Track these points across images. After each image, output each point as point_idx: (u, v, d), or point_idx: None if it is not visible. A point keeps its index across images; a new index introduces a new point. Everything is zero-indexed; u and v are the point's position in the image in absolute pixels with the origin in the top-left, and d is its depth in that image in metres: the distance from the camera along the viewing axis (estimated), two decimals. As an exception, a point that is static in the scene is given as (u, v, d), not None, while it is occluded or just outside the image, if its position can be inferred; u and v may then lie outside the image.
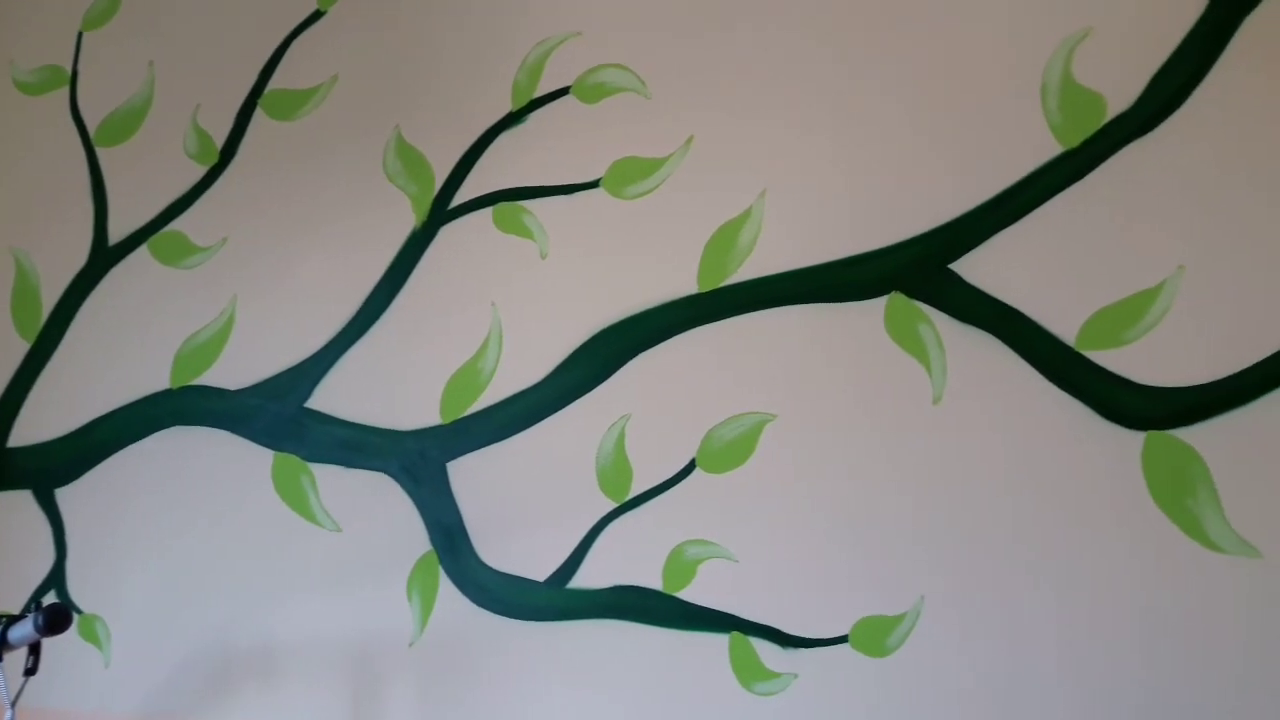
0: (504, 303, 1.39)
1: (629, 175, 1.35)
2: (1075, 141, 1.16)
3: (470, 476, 1.37)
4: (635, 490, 1.29)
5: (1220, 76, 1.12)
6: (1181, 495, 1.08)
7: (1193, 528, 1.07)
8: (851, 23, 1.28)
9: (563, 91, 1.41)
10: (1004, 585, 1.13)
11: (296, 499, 1.46)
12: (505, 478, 1.36)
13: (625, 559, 1.28)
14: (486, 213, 1.42)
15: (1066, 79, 1.17)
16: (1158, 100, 1.14)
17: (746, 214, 1.29)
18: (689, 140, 1.33)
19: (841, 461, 1.21)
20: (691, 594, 1.25)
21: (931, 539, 1.16)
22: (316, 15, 1.59)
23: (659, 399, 1.29)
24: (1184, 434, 1.09)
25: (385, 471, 1.42)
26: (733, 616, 1.22)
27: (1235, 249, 1.09)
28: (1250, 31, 1.12)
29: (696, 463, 1.26)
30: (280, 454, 1.48)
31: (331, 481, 1.45)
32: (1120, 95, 1.15)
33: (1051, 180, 1.17)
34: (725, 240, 1.29)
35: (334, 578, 1.42)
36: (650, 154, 1.35)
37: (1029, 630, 1.11)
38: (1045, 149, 1.17)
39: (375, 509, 1.42)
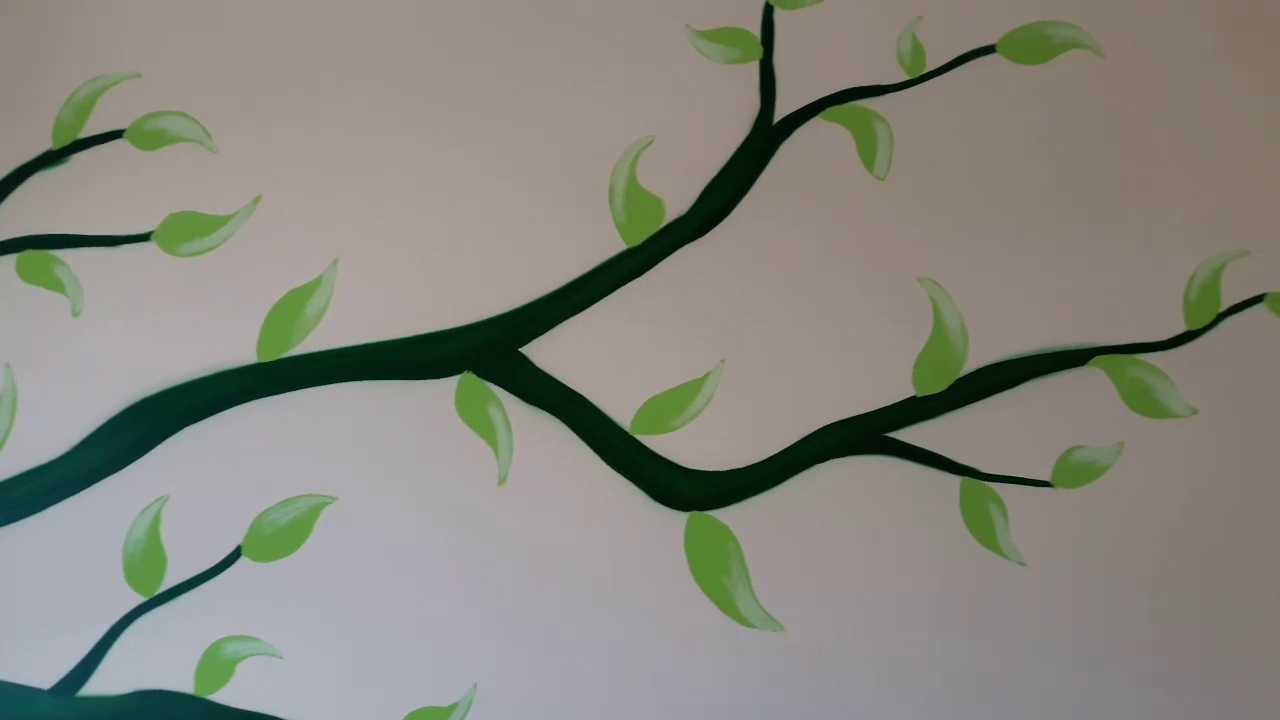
0: (22, 364, 1.20)
1: (186, 231, 1.24)
2: (637, 240, 1.23)
3: (-39, 568, 1.16)
4: (169, 582, 1.15)
5: (760, 191, 1.25)
6: (718, 573, 1.15)
7: (727, 604, 1.14)
8: (437, 107, 1.28)
9: (115, 134, 1.28)
10: (553, 668, 1.13)
11: None
12: (11, 569, 1.15)
13: (152, 660, 1.13)
14: (9, 260, 1.23)
15: (632, 182, 1.25)
16: (709, 208, 1.24)
17: (317, 282, 1.23)
18: (256, 199, 1.25)
19: (402, 546, 1.16)
20: (227, 695, 1.12)
21: (489, 624, 1.14)
22: None
23: (205, 479, 1.17)
24: (721, 514, 1.16)
25: None
26: (273, 718, 1.12)
27: (769, 346, 1.20)
28: (785, 156, 1.26)
29: (243, 550, 1.16)
30: None
31: None
32: (677, 201, 1.25)
33: (615, 274, 1.23)
34: (292, 308, 1.22)
35: None
36: (212, 210, 1.25)
37: (575, 713, 1.12)
38: (611, 245, 1.23)
39: None
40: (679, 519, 1.16)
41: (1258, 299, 1.22)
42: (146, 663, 1.13)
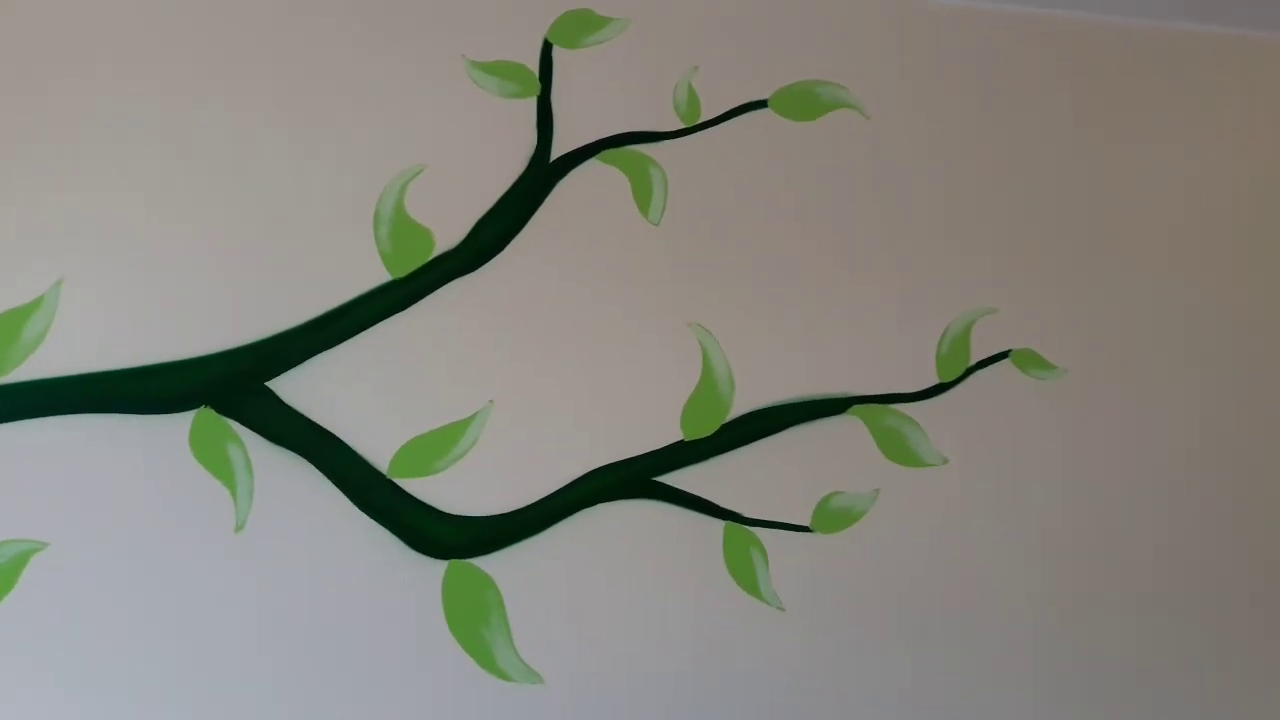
0: None
1: (-122, 241, 1.09)
2: (403, 272, 1.18)
3: None
4: None
5: (535, 229, 1.22)
6: (477, 625, 1.10)
7: (485, 658, 1.09)
8: (183, 119, 1.17)
9: None
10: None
11: None
12: None
13: None
14: None
15: (399, 211, 1.19)
16: (481, 243, 1.20)
17: (36, 303, 1.10)
18: (-32, 211, 1.12)
19: (125, 598, 1.05)
20: (-106, 776, 0.97)
21: (223, 684, 1.04)
22: None
23: (-116, 522, 1.02)
24: (482, 562, 1.12)
25: None
26: (-50, 800, 0.98)
27: (539, 387, 1.17)
28: (560, 194, 1.24)
29: (-69, 603, 1.01)
30: None
31: None
32: (448, 233, 1.20)
33: (377, 307, 1.16)
34: (6, 331, 1.08)
35: None
36: (-88, 220, 1.10)
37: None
38: (374, 276, 1.17)
39: None
40: (437, 567, 1.10)
41: (1004, 354, 1.29)
42: None
